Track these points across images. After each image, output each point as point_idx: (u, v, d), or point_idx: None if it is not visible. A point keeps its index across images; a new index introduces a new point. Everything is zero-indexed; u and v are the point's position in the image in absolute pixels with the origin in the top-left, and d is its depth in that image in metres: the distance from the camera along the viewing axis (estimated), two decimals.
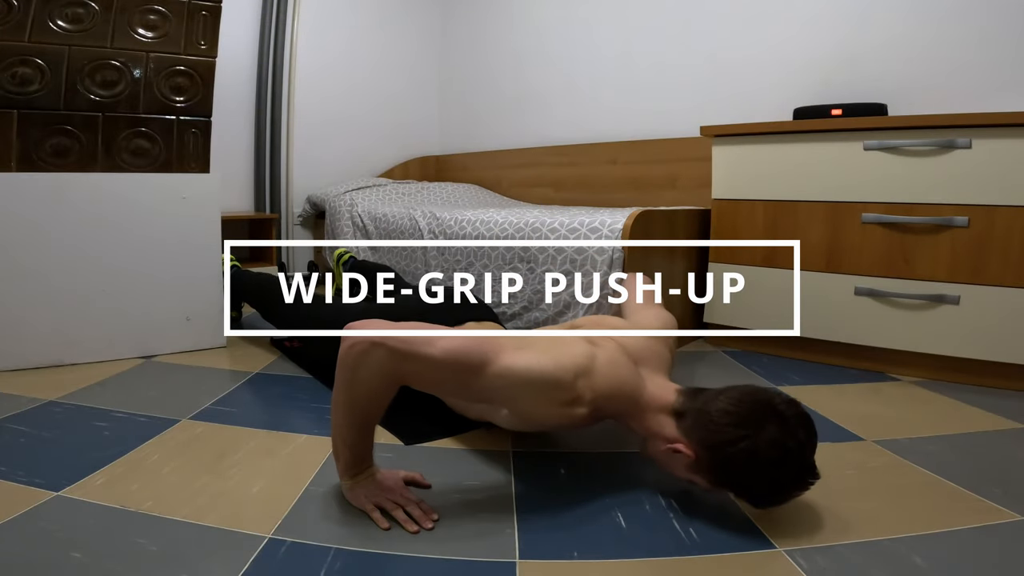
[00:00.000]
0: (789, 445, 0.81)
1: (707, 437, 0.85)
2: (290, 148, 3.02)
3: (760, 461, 0.80)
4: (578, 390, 0.90)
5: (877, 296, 1.63)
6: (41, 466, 1.00)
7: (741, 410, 0.84)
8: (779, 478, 0.82)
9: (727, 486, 0.86)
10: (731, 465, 0.83)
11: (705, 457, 0.85)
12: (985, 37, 1.82)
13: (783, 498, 0.85)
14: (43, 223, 1.50)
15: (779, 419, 0.82)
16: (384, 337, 0.83)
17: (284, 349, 1.74)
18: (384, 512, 0.87)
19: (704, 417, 0.87)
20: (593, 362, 0.93)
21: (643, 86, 2.67)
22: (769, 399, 0.85)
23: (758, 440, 0.80)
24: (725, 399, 0.87)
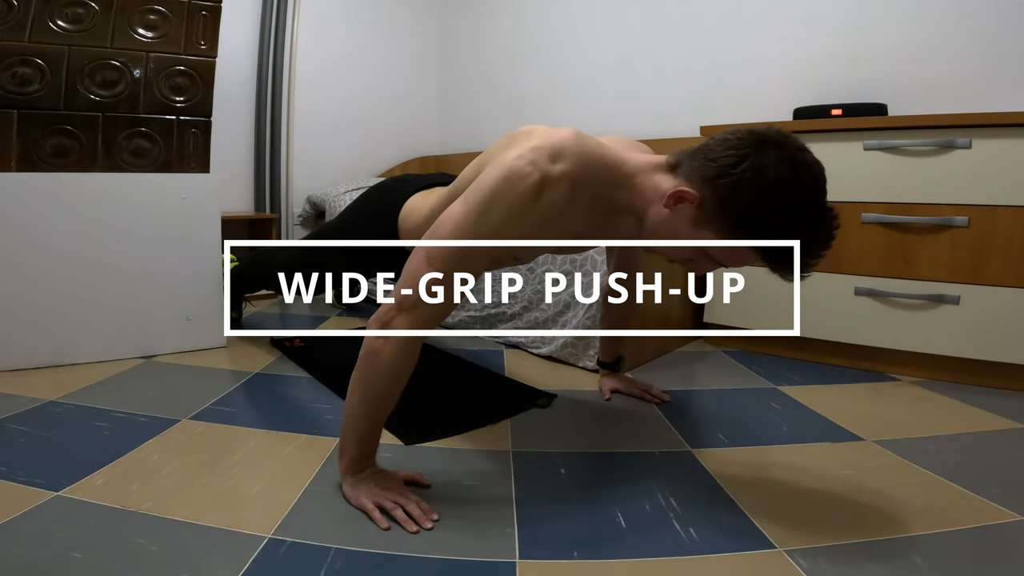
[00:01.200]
0: (796, 160, 0.75)
1: (709, 169, 0.79)
2: (290, 148, 3.02)
3: (769, 178, 0.74)
4: (540, 167, 0.82)
5: (877, 296, 1.63)
6: (41, 466, 1.00)
7: (741, 136, 0.78)
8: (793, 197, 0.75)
9: (739, 226, 0.78)
10: (739, 190, 0.76)
11: (711, 194, 0.79)
12: (985, 37, 1.82)
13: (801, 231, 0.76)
14: (43, 223, 1.50)
15: (777, 142, 0.76)
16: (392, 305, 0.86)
17: (284, 349, 1.74)
18: (384, 512, 0.87)
19: (702, 152, 0.81)
20: (549, 138, 0.86)
21: (643, 86, 2.67)
22: (765, 128, 0.79)
23: (762, 157, 0.75)
24: (721, 134, 0.81)
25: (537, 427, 1.24)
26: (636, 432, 1.24)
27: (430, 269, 0.85)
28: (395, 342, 0.86)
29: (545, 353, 1.73)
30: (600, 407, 1.37)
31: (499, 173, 0.84)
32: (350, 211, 1.36)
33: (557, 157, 0.84)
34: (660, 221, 0.85)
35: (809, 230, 0.76)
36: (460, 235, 0.85)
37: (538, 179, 0.82)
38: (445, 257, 0.85)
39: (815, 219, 0.77)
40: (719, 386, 1.54)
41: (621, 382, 1.45)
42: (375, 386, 0.88)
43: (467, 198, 0.87)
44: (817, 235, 0.77)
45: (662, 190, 0.84)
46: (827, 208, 0.77)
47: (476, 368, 1.62)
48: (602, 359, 1.49)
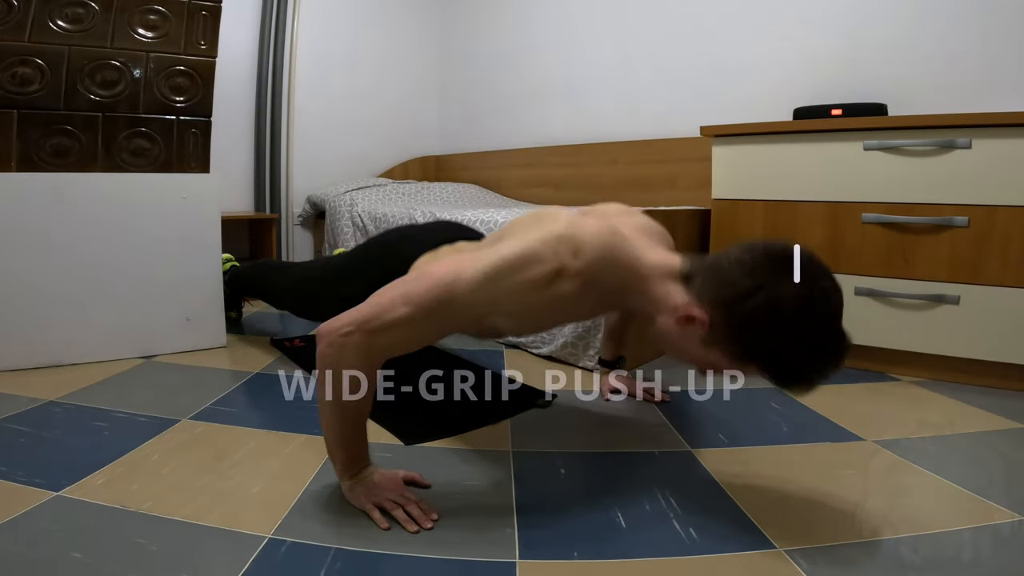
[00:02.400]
0: (814, 294, 0.73)
1: (721, 293, 0.76)
2: (290, 148, 3.02)
3: (783, 313, 0.72)
4: (560, 258, 0.81)
5: (877, 296, 1.62)
6: (41, 466, 1.00)
7: (756, 258, 0.75)
8: (806, 335, 0.73)
9: (748, 354, 0.76)
10: (751, 322, 0.73)
11: (721, 320, 0.76)
12: (985, 37, 1.82)
13: (812, 364, 0.75)
14: (43, 223, 1.50)
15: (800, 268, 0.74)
16: (351, 322, 0.82)
17: (284, 349, 1.74)
18: (384, 512, 0.87)
19: (715, 273, 0.78)
20: (576, 229, 0.84)
21: (643, 86, 2.67)
22: (786, 248, 0.76)
23: (779, 289, 0.72)
24: (737, 250, 0.78)
25: (537, 427, 1.24)
26: (636, 432, 1.24)
27: (405, 308, 0.81)
28: (350, 361, 0.82)
29: (545, 353, 1.73)
30: (600, 407, 1.37)
31: (518, 249, 0.82)
32: (354, 265, 1.31)
33: (578, 252, 0.82)
34: (668, 332, 0.84)
35: (819, 359, 0.75)
36: (450, 288, 0.81)
37: (553, 269, 0.80)
38: (425, 303, 0.81)
39: (826, 349, 0.75)
40: (719, 386, 1.54)
41: (621, 382, 1.45)
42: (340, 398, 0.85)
43: (479, 258, 0.83)
44: (826, 363, 0.75)
45: (673, 303, 0.82)
46: (840, 336, 0.75)
47: (476, 368, 1.62)
48: (603, 357, 1.49)
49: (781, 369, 0.76)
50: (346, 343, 0.82)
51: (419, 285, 0.83)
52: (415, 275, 0.87)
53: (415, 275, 0.87)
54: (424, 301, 0.82)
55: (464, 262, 0.84)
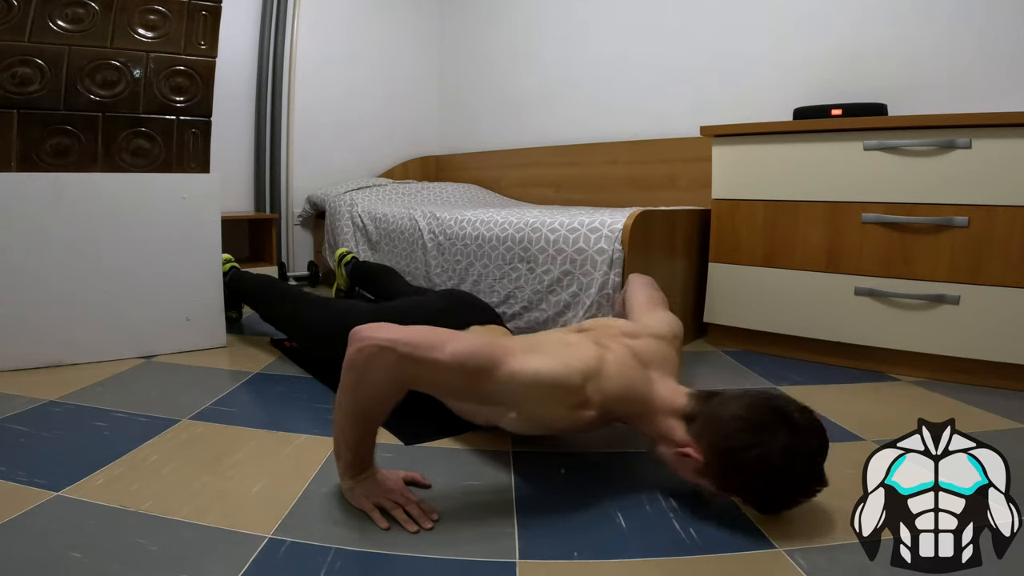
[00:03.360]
0: (801, 454, 0.81)
1: (718, 442, 0.85)
2: (290, 148, 3.02)
3: (770, 469, 0.80)
4: (587, 392, 0.90)
5: (877, 296, 1.62)
6: (41, 466, 1.00)
7: (753, 416, 0.83)
8: (787, 486, 0.83)
9: (734, 492, 0.86)
10: (740, 471, 0.82)
11: (714, 462, 0.85)
12: (985, 37, 1.82)
13: (789, 505, 0.86)
14: (43, 223, 1.50)
15: (791, 427, 0.81)
16: (393, 340, 0.82)
17: (284, 349, 1.74)
18: (384, 512, 0.87)
19: (715, 422, 0.86)
20: (602, 364, 0.93)
21: (643, 86, 2.67)
22: (783, 406, 0.84)
23: (769, 447, 0.80)
24: (737, 405, 0.86)
25: None
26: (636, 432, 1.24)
27: (445, 357, 0.83)
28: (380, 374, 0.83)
29: None
30: None
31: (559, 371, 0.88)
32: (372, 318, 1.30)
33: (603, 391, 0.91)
34: (666, 456, 0.93)
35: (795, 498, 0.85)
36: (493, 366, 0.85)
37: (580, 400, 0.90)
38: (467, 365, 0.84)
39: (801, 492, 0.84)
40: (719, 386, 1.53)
41: None
42: (359, 405, 0.86)
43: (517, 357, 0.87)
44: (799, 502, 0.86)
45: (674, 438, 0.91)
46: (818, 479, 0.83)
47: None
48: None
49: (760, 505, 0.87)
50: (379, 355, 0.82)
51: (467, 345, 0.86)
52: (465, 335, 0.90)
53: (465, 335, 0.90)
54: (467, 361, 0.84)
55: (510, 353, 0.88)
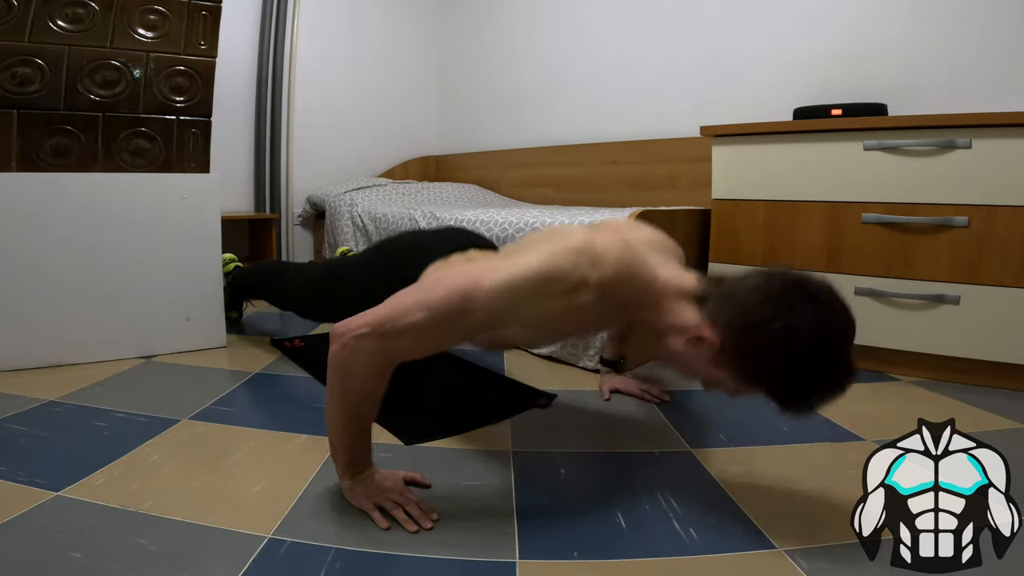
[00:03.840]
0: (828, 327, 0.73)
1: (735, 318, 0.77)
2: (290, 148, 3.02)
3: (795, 345, 0.72)
4: (579, 272, 0.81)
5: (877, 296, 1.62)
6: (41, 466, 1.00)
7: (773, 288, 0.76)
8: (815, 366, 0.74)
9: (755, 378, 0.78)
10: (762, 350, 0.74)
11: (732, 344, 0.77)
12: (985, 37, 1.82)
13: (816, 394, 0.76)
14: (43, 223, 1.50)
15: (815, 299, 0.74)
16: (367, 323, 0.81)
17: (284, 349, 1.74)
18: (384, 512, 0.87)
19: (731, 299, 0.78)
20: (592, 244, 0.85)
21: (643, 86, 2.67)
22: (802, 278, 0.77)
23: (793, 320, 0.72)
24: (754, 279, 0.78)
25: (537, 427, 1.24)
26: (636, 432, 1.24)
27: (422, 315, 0.81)
28: (364, 363, 0.82)
29: (545, 353, 1.72)
30: (600, 407, 1.37)
31: (538, 261, 0.82)
32: (371, 259, 1.31)
33: (597, 264, 0.83)
34: (677, 350, 0.85)
35: (823, 388, 0.76)
36: (471, 299, 0.81)
37: (575, 281, 0.81)
38: (446, 311, 0.81)
39: (832, 379, 0.76)
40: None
41: (621, 382, 1.45)
42: (349, 404, 0.85)
43: (497, 267, 0.84)
44: (831, 392, 0.76)
45: (684, 323, 0.83)
46: (848, 366, 0.76)
47: (476, 368, 1.62)
48: (605, 356, 1.49)
49: (785, 394, 0.77)
50: (359, 345, 0.81)
51: (436, 292, 0.82)
52: (432, 281, 0.86)
53: (432, 281, 0.86)
54: (441, 308, 0.81)
55: (482, 272, 0.83)
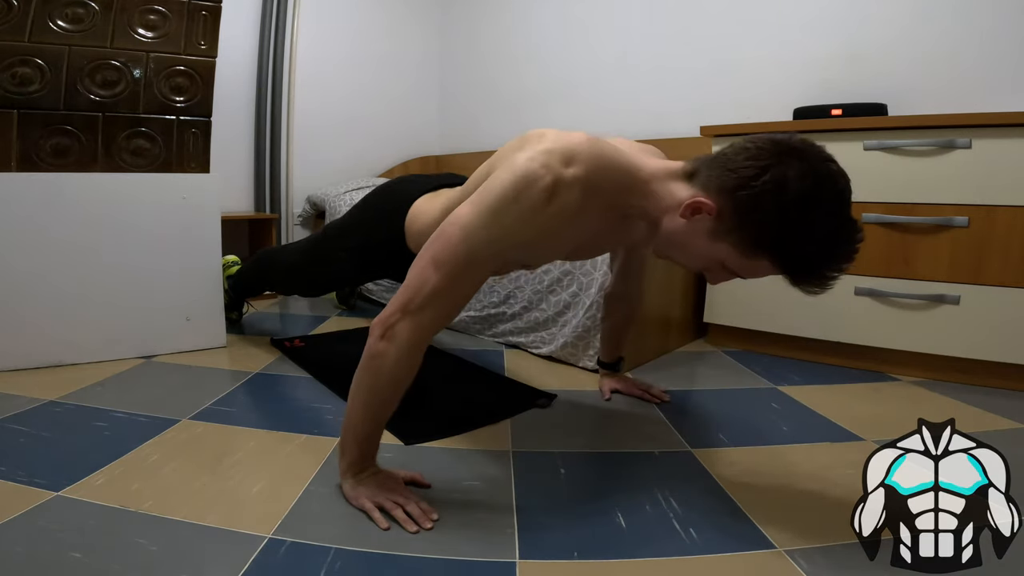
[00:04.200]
0: (821, 175, 0.73)
1: (727, 180, 0.76)
2: (290, 148, 3.02)
3: (791, 193, 0.71)
4: (553, 170, 0.79)
5: (877, 296, 1.62)
6: (41, 466, 1.00)
7: (760, 144, 0.75)
8: (816, 216, 0.72)
9: (758, 243, 0.75)
10: (759, 206, 0.73)
11: (729, 207, 0.76)
12: (985, 37, 1.82)
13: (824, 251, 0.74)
14: (43, 223, 1.50)
15: (803, 151, 0.74)
16: (394, 310, 0.84)
17: (284, 349, 1.74)
18: (384, 512, 0.87)
19: (720, 162, 0.78)
20: (563, 141, 0.83)
21: (643, 86, 2.67)
22: (790, 136, 0.76)
23: (785, 171, 0.72)
24: (740, 142, 0.78)
25: (537, 427, 1.24)
26: (636, 432, 1.24)
27: (436, 273, 0.83)
28: (399, 346, 0.84)
29: (545, 353, 1.73)
30: (600, 407, 1.37)
31: (510, 175, 0.81)
32: (355, 212, 1.35)
33: (570, 160, 0.81)
34: (675, 231, 0.83)
35: (831, 245, 0.74)
36: (468, 238, 0.82)
37: (550, 182, 0.79)
38: (452, 260, 0.83)
39: (838, 234, 0.74)
40: (719, 386, 1.54)
41: (621, 382, 1.45)
42: (377, 390, 0.87)
43: (476, 200, 0.84)
44: (840, 250, 0.74)
45: (678, 198, 0.82)
46: (851, 221, 0.74)
47: (476, 368, 1.62)
48: (602, 359, 1.49)
49: (792, 258, 0.74)
50: (396, 329, 0.84)
51: (438, 248, 0.84)
52: (430, 241, 0.86)
53: (430, 241, 0.86)
54: (450, 260, 0.83)
55: (464, 212, 0.83)
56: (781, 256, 0.75)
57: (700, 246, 0.81)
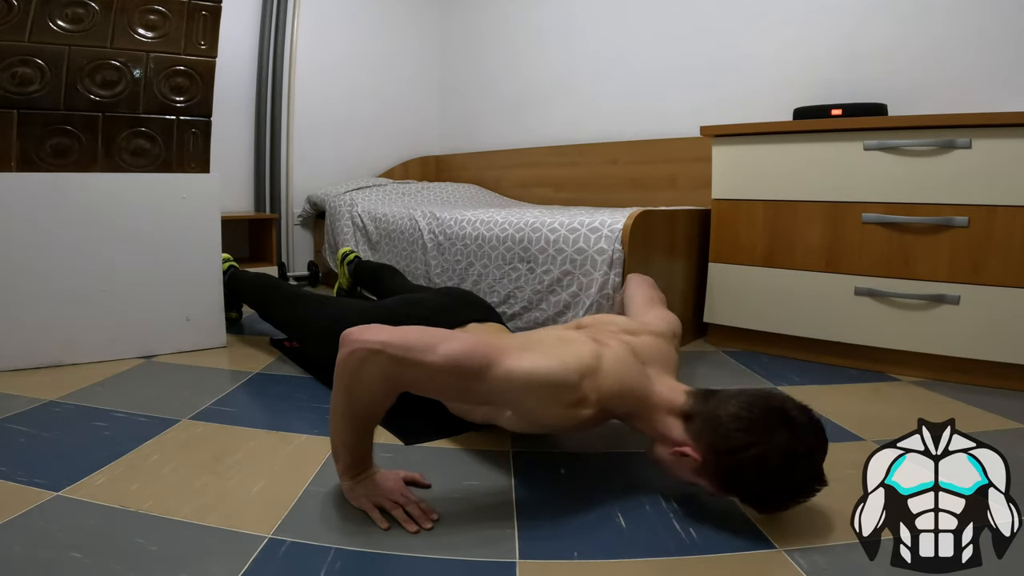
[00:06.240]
0: (799, 452, 0.80)
1: (716, 441, 0.84)
2: (290, 148, 3.02)
3: (768, 468, 0.80)
4: (584, 391, 0.88)
5: (877, 296, 1.62)
6: (41, 466, 1.00)
7: (753, 415, 0.82)
8: (786, 485, 0.82)
9: (733, 491, 0.86)
10: (739, 471, 0.82)
11: (712, 461, 0.84)
12: (985, 37, 1.82)
13: (788, 504, 0.85)
14: (43, 223, 1.50)
15: (790, 426, 0.81)
16: (383, 342, 0.81)
17: (284, 349, 1.74)
18: (384, 512, 0.87)
19: (714, 421, 0.85)
20: (599, 362, 0.91)
21: (643, 86, 2.67)
22: (781, 405, 0.84)
23: (768, 447, 0.79)
24: (736, 404, 0.85)
25: None
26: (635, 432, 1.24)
27: (437, 359, 0.81)
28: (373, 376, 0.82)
29: None
30: None
31: (555, 369, 0.86)
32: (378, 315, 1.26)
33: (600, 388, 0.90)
34: (664, 457, 0.93)
35: (794, 498, 0.84)
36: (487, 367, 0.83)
37: (578, 398, 0.88)
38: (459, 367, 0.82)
39: (800, 492, 0.83)
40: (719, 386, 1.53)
41: None
42: (355, 406, 0.85)
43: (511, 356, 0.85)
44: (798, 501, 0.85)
45: (672, 437, 0.91)
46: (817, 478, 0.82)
47: None
48: None
49: (759, 504, 0.86)
50: (369, 358, 0.81)
51: (459, 346, 0.84)
52: (459, 335, 0.88)
53: (459, 335, 0.88)
54: (458, 362, 0.83)
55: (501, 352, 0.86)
56: (749, 502, 0.86)
57: (684, 474, 0.90)
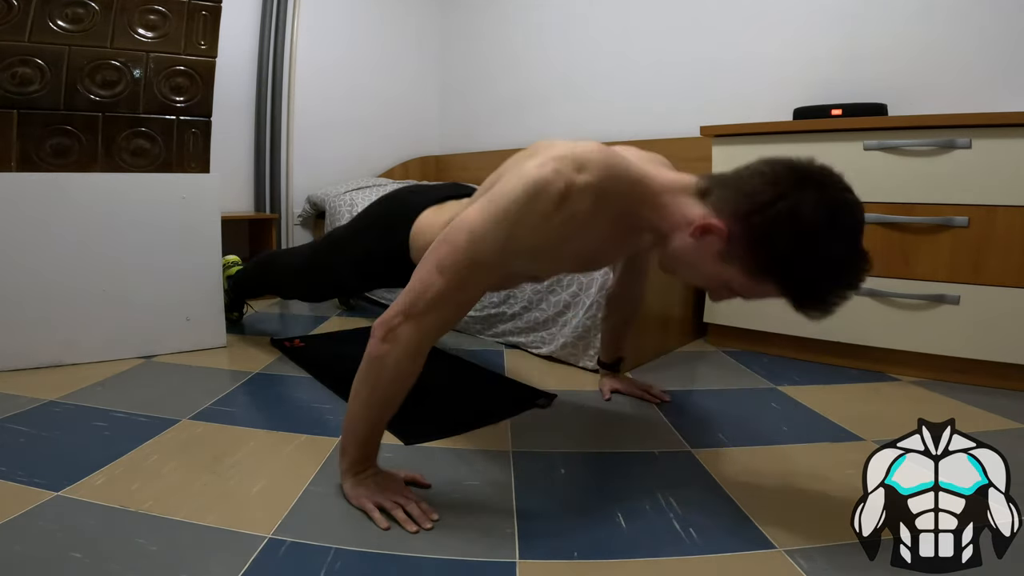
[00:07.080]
0: (837, 206, 0.71)
1: (741, 203, 0.74)
2: (290, 148, 3.02)
3: (805, 223, 0.70)
4: (564, 176, 0.78)
5: (877, 296, 1.62)
6: (41, 466, 1.00)
7: (777, 169, 0.74)
8: (827, 246, 0.71)
9: (767, 268, 0.74)
10: (771, 232, 0.71)
11: (740, 231, 0.74)
12: (985, 37, 1.82)
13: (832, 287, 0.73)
14: (43, 223, 1.50)
15: (820, 178, 0.73)
16: (397, 312, 0.84)
17: (284, 349, 1.73)
18: (384, 512, 0.87)
19: (735, 184, 0.76)
20: (573, 150, 0.82)
21: (643, 86, 2.67)
22: (806, 163, 0.74)
23: (801, 199, 0.70)
24: (756, 165, 0.76)
25: (537, 427, 1.24)
26: (636, 432, 1.24)
27: (440, 277, 0.82)
28: (400, 349, 0.84)
29: (545, 353, 1.72)
30: (600, 407, 1.37)
31: (520, 181, 0.80)
32: (359, 220, 1.33)
33: (582, 167, 0.80)
34: (684, 249, 0.81)
35: (839, 274, 0.73)
36: (474, 243, 0.81)
37: (562, 188, 0.78)
38: (457, 265, 0.82)
39: (848, 264, 0.73)
40: (719, 386, 1.54)
41: (621, 382, 1.45)
42: (378, 391, 0.87)
43: (484, 205, 0.82)
44: (847, 280, 0.74)
45: (689, 217, 0.80)
46: (862, 252, 0.73)
47: (476, 368, 1.62)
48: (602, 359, 1.49)
49: (799, 284, 0.73)
50: (398, 332, 0.83)
51: (443, 253, 0.83)
52: (435, 245, 0.85)
53: (435, 245, 0.85)
54: (455, 264, 0.82)
55: (471, 216, 0.82)
56: (788, 282, 0.74)
57: (708, 266, 0.79)
